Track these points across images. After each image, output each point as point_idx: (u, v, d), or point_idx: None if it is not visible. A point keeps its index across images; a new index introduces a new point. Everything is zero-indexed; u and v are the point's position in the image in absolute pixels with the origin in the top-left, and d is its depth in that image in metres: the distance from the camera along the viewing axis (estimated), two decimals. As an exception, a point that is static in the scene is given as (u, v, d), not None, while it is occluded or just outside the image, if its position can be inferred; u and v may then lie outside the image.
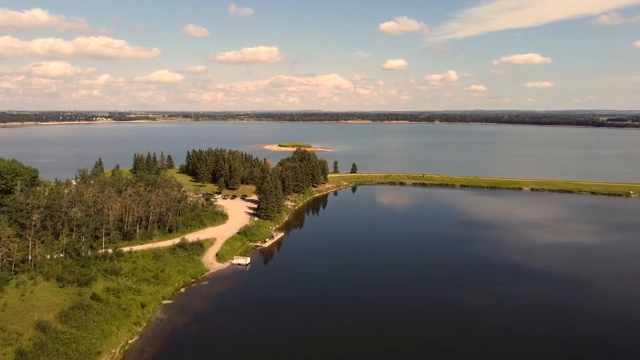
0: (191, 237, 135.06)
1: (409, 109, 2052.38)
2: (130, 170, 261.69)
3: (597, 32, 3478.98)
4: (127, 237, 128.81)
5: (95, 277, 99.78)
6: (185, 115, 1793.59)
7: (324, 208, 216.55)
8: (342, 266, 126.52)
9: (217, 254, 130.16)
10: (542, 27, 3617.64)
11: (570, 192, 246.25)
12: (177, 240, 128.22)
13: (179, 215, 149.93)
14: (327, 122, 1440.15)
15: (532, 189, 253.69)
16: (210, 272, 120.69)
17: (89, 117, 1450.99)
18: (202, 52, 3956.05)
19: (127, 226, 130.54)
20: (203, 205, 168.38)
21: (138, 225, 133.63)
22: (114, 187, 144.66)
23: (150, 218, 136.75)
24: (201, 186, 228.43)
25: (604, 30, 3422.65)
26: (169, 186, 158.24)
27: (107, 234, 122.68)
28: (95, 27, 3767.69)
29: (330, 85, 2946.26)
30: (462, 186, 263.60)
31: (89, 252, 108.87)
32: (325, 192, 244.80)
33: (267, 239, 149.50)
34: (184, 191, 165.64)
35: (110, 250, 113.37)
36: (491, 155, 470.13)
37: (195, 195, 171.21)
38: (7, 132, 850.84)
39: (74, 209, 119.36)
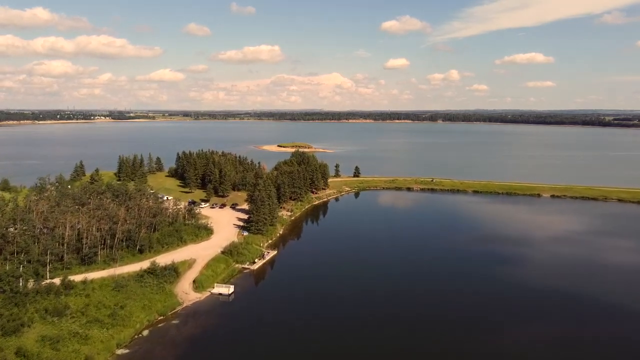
0: (165, 258, 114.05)
1: (410, 108, 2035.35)
2: (115, 174, 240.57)
3: (600, 32, 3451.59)
4: (86, 262, 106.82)
5: (30, 320, 78.47)
6: (186, 114, 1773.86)
7: (324, 217, 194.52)
8: (349, 295, 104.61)
9: (194, 281, 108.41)
10: (545, 26, 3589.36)
11: (594, 199, 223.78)
12: (146, 264, 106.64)
13: (154, 230, 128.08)
14: (328, 121, 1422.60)
15: (552, 196, 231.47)
16: (184, 305, 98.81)
17: (87, 116, 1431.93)
18: (204, 51, 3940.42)
19: (86, 247, 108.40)
20: (185, 217, 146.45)
21: (100, 246, 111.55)
22: (74, 199, 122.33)
23: (117, 237, 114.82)
24: (188, 192, 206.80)
25: (607, 30, 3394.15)
26: (144, 197, 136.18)
27: (60, 259, 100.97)
28: (96, 26, 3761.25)
29: (332, 85, 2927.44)
30: (475, 192, 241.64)
31: (29, 285, 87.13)
32: (325, 199, 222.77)
33: (256, 259, 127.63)
34: (162, 202, 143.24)
35: (57, 281, 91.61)
36: (502, 156, 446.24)
37: (175, 206, 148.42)
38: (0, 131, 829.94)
39: (14, 228, 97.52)
